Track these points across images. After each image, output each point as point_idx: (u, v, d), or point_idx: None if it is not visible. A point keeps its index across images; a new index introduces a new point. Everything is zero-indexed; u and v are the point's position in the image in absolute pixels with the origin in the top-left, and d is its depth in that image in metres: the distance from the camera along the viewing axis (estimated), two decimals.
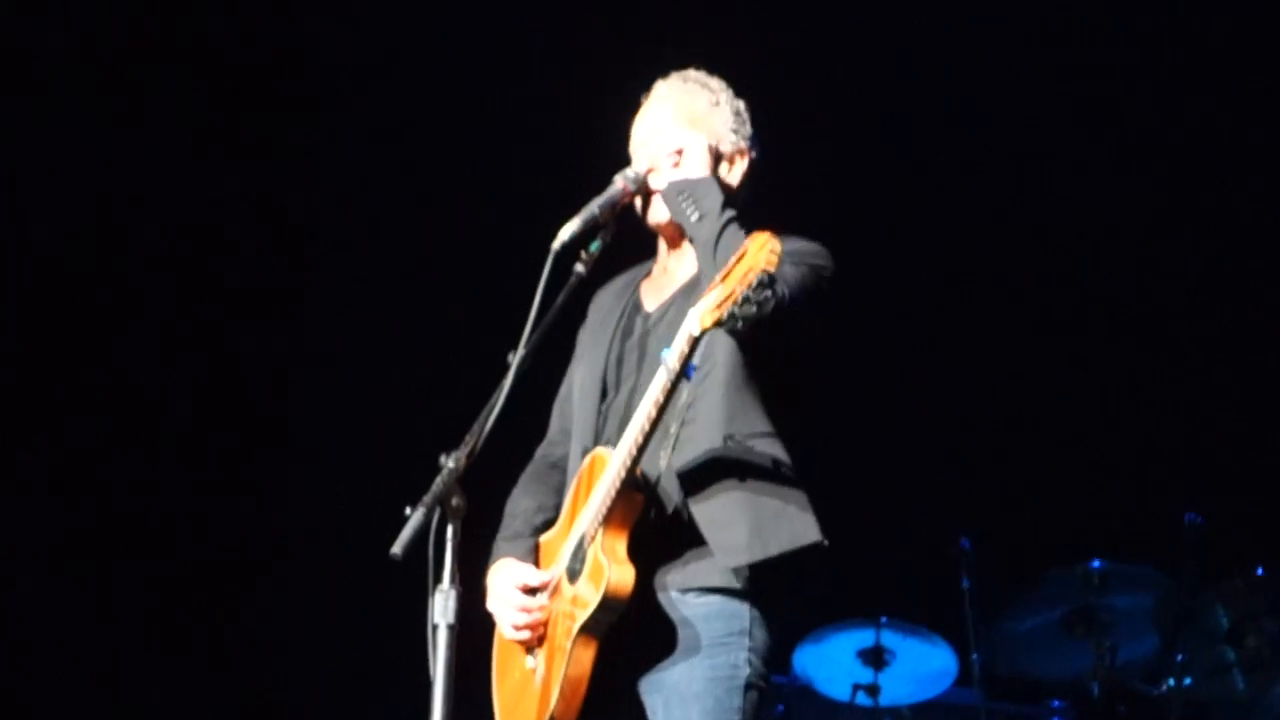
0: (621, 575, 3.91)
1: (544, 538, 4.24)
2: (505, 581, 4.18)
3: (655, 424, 3.89)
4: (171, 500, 7.54)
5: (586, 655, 3.96)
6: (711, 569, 4.01)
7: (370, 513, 4.28)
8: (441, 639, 3.73)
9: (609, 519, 3.95)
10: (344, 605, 7.49)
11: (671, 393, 3.87)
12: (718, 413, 4.04)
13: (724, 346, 4.02)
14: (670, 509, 4.03)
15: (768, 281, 3.63)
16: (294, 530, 7.81)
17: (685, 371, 3.83)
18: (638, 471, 3.96)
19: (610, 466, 3.98)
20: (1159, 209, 7.65)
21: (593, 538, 3.97)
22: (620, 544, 3.95)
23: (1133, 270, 7.71)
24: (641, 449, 3.91)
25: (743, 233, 3.90)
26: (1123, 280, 7.73)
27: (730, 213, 4.02)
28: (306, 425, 7.95)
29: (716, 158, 4.24)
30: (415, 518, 3.74)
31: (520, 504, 4.36)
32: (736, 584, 4.00)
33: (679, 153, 4.22)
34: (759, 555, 3.96)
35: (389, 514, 3.80)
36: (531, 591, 4.14)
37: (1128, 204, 7.69)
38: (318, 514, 7.72)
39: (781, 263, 3.71)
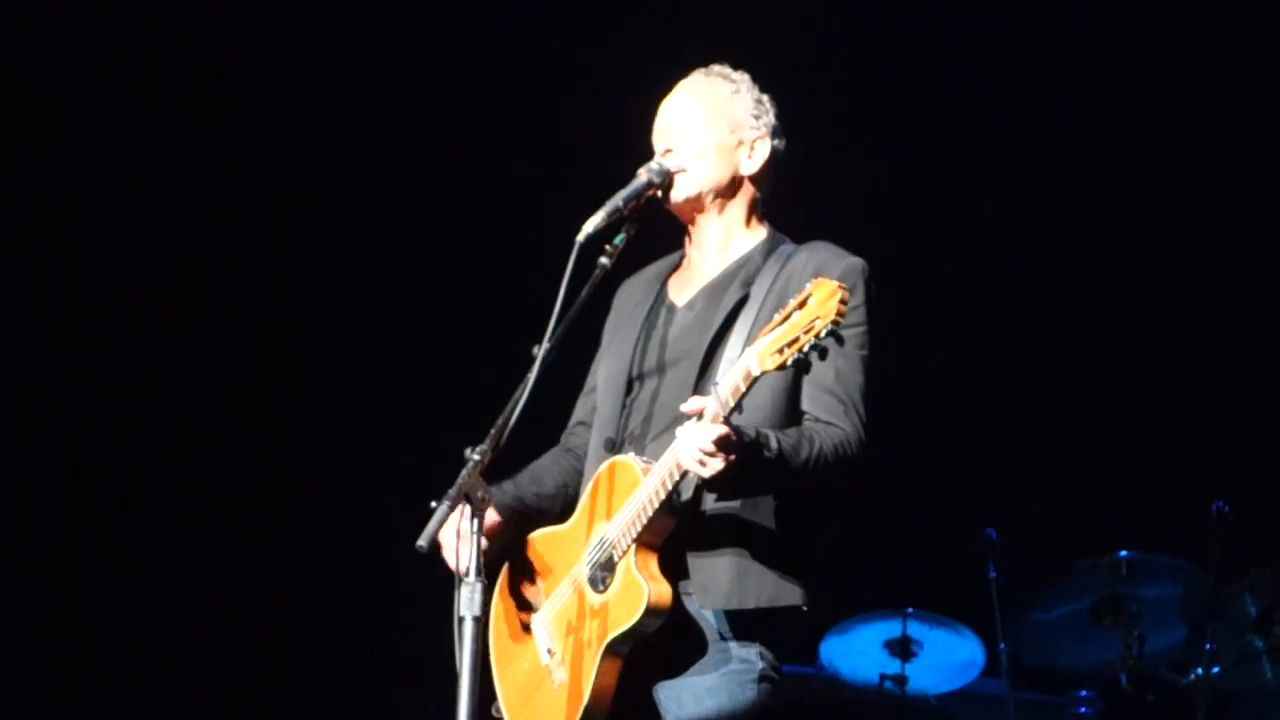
0: (660, 591, 3.91)
1: (558, 528, 4.20)
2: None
3: None
4: (199, 498, 7.52)
5: (615, 667, 3.96)
6: None
7: (396, 506, 4.29)
8: (468, 631, 3.73)
9: (643, 538, 3.94)
10: (370, 599, 7.51)
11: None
12: None
13: (770, 387, 3.99)
14: (693, 527, 4.01)
15: (835, 332, 3.61)
16: (321, 524, 7.82)
17: (738, 407, 3.77)
18: (677, 499, 3.93)
19: (645, 485, 3.94)
20: (1188, 193, 7.63)
21: (624, 551, 3.96)
22: (653, 560, 3.95)
23: (1158, 261, 7.68)
24: (683, 475, 3.87)
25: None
26: (1150, 271, 7.70)
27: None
28: (334, 420, 7.97)
29: (736, 144, 4.24)
30: (440, 511, 3.75)
31: (528, 476, 4.33)
32: None
33: (685, 129, 4.23)
34: (735, 605, 3.97)
35: (415, 507, 3.82)
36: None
37: (1159, 192, 7.67)
38: (344, 508, 7.74)
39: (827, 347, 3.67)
